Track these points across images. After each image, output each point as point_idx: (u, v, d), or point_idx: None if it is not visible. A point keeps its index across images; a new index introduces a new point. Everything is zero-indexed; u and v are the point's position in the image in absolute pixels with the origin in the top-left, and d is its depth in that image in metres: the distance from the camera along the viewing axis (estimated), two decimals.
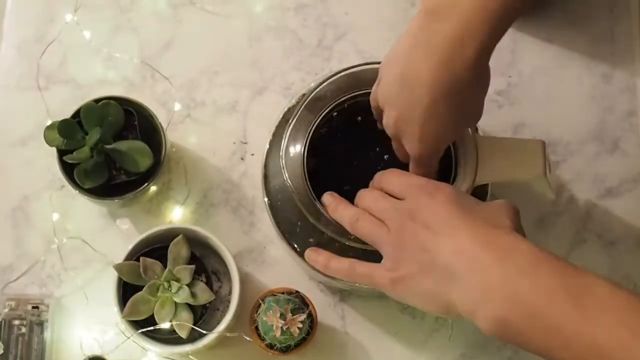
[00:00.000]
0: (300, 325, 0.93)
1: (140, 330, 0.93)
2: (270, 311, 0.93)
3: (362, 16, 1.08)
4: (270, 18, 1.08)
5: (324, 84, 0.91)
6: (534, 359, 1.02)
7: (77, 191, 0.96)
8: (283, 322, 0.92)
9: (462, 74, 0.78)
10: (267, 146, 0.96)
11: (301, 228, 0.93)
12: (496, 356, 1.00)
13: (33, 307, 0.98)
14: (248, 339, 0.95)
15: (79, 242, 1.01)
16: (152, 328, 0.92)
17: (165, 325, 0.92)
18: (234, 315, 0.94)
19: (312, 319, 0.95)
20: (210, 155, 1.05)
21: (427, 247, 0.77)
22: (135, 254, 0.95)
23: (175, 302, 0.93)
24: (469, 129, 0.89)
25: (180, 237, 0.95)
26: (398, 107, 0.81)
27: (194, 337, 0.94)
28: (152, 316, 0.93)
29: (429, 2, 0.78)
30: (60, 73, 1.06)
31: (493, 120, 1.04)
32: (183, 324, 0.92)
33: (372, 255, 0.90)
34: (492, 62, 1.04)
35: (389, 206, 0.82)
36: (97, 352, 0.98)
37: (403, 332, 1.01)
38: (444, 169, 0.91)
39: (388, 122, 0.84)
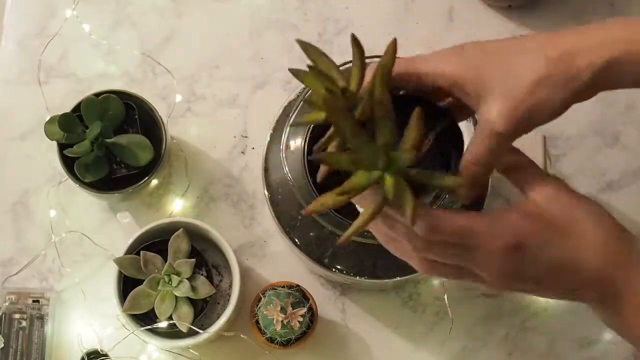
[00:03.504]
0: (301, 319, 0.93)
1: (143, 328, 0.93)
2: (271, 305, 0.93)
3: (362, 10, 1.08)
4: (271, 12, 1.08)
5: None
6: (535, 356, 1.02)
7: (78, 185, 0.96)
8: (283, 316, 0.92)
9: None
10: (268, 140, 0.96)
11: (301, 222, 0.93)
12: (497, 349, 1.00)
13: (34, 301, 0.98)
14: (244, 337, 0.96)
15: (79, 236, 1.01)
16: (155, 326, 0.93)
17: (163, 324, 0.92)
18: (235, 309, 0.94)
19: (312, 313, 0.95)
20: (210, 149, 1.05)
21: None
22: (135, 248, 0.95)
23: (176, 296, 0.93)
24: (469, 121, 0.88)
25: (180, 230, 0.95)
26: None
27: (194, 330, 0.94)
28: (153, 310, 0.93)
29: None
30: (61, 67, 1.06)
31: None
32: (182, 322, 0.93)
33: (371, 249, 0.90)
34: None
35: None
36: (97, 346, 0.98)
37: (403, 325, 1.01)
38: (444, 161, 0.90)
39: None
